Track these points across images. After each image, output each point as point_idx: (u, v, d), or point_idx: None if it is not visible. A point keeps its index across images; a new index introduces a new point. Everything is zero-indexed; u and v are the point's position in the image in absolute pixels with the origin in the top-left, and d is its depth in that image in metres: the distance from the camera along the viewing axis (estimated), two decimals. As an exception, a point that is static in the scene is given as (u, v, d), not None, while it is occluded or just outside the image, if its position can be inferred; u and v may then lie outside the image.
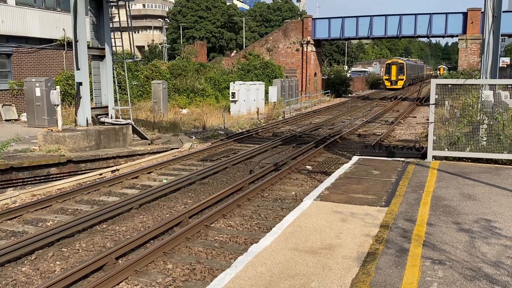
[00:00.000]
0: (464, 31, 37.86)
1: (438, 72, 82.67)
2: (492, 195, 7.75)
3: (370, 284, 4.58)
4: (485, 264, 5.02)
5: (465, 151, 10.40)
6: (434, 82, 10.58)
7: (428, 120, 11.26)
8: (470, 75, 31.59)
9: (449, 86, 10.38)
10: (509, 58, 64.52)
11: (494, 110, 10.29)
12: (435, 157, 10.75)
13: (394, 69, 58.57)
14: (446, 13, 38.36)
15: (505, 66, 57.13)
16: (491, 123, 10.28)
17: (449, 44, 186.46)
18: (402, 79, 58.71)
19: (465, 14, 37.69)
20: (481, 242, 5.66)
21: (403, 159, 11.06)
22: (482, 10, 11.48)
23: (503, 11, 11.13)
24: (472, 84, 10.59)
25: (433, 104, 10.44)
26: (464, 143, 10.37)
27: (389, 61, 63.09)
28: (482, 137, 10.29)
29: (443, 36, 39.96)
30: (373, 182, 8.80)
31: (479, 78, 11.57)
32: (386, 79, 60.37)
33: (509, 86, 10.81)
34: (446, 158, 10.73)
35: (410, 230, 6.09)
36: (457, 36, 38.72)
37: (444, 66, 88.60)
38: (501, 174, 9.32)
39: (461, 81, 10.52)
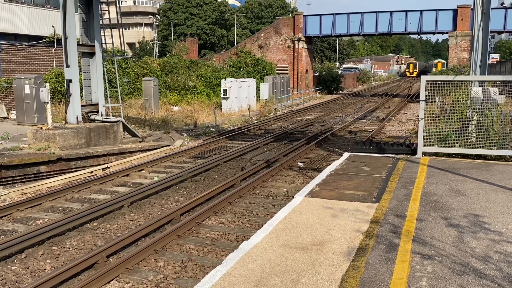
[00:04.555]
0: (454, 28, 38.09)
1: (435, 68, 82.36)
2: (481, 190, 7.83)
3: (360, 279, 4.61)
4: (473, 259, 5.07)
5: (455, 147, 10.49)
6: (424, 78, 10.64)
7: (418, 116, 11.33)
8: (460, 71, 31.82)
9: (439, 82, 10.45)
10: (498, 54, 65.11)
11: (484, 107, 10.38)
12: (425, 153, 10.83)
13: (411, 65, 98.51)
14: (436, 10, 38.57)
15: (495, 62, 57.71)
16: (481, 119, 10.37)
17: (440, 41, 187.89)
18: (415, 71, 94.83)
19: (455, 11, 37.92)
20: (470, 237, 5.72)
21: (393, 155, 11.13)
22: (472, 7, 11.56)
23: (492, 8, 11.24)
24: (462, 81, 10.67)
25: (423, 100, 10.51)
26: (453, 139, 10.45)
27: (408, 61, 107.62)
28: (472, 133, 10.38)
29: (433, 33, 40.17)
30: (364, 179, 8.85)
31: (469, 74, 11.67)
32: (407, 71, 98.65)
33: (498, 82, 10.91)
34: (436, 154, 10.81)
35: (400, 225, 6.13)
36: (447, 33, 38.95)
37: (442, 61, 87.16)
38: (490, 169, 9.42)
39: (450, 77, 10.60)
